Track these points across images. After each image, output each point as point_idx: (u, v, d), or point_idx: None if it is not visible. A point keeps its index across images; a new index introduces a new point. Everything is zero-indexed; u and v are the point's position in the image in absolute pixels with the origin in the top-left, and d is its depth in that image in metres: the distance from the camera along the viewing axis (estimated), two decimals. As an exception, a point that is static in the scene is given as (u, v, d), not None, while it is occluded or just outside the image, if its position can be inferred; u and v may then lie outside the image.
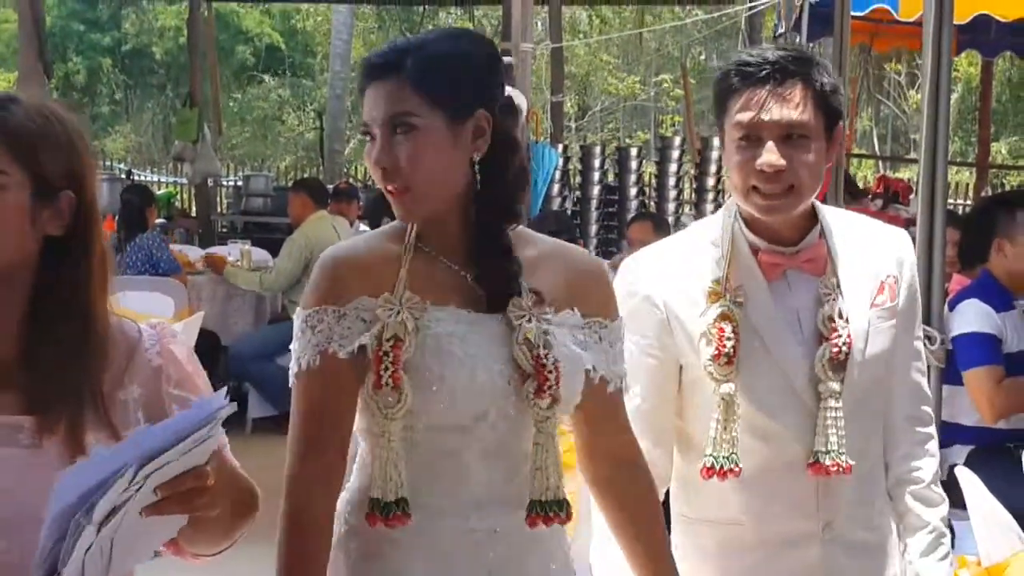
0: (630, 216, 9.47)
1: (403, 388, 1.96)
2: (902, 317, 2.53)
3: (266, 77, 27.15)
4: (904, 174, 17.92)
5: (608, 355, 2.14)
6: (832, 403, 2.40)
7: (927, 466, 2.57)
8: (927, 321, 4.27)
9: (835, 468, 2.39)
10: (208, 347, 7.97)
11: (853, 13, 8.01)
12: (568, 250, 2.20)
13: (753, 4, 15.52)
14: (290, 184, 12.46)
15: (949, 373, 4.51)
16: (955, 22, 4.99)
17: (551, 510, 2.03)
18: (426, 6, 22.61)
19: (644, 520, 2.25)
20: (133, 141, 28.36)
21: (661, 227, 7.47)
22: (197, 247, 10.88)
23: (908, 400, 2.57)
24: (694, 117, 15.30)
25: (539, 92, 21.31)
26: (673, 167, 11.38)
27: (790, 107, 2.34)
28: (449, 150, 2.02)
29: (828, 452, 2.39)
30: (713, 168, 11.25)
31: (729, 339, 2.38)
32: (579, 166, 11.51)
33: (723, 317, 2.40)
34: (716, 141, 10.96)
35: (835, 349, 2.41)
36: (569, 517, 2.05)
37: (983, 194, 14.46)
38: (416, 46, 2.02)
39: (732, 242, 2.46)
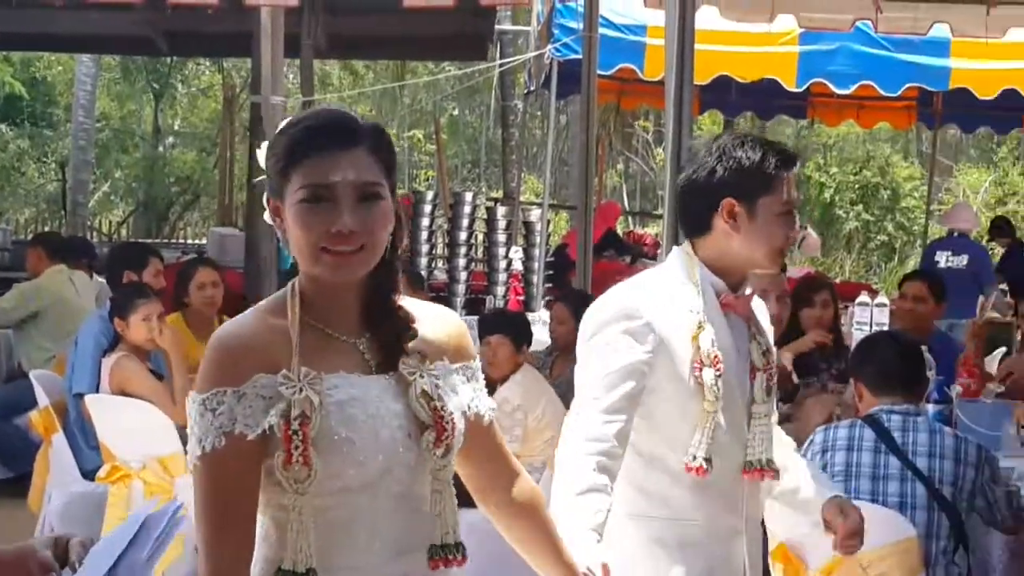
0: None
1: (313, 463, 2.04)
2: None
3: (2, 127, 26.18)
4: (652, 229, 18.41)
5: (477, 392, 2.32)
6: (764, 420, 2.98)
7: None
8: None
9: (766, 475, 2.98)
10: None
11: (600, 72, 8.22)
12: (427, 307, 2.34)
13: (504, 61, 15.77)
14: (30, 237, 11.98)
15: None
16: (696, 82, 5.15)
17: (451, 553, 2.19)
18: (174, 57, 22.20)
19: (543, 527, 2.46)
20: None
21: (415, 281, 7.44)
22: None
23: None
24: (447, 172, 15.41)
25: (291, 145, 21.11)
26: (425, 221, 11.39)
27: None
28: (391, 219, 2.18)
29: (760, 460, 2.96)
30: (465, 223, 11.31)
31: (722, 363, 2.88)
32: (331, 220, 11.41)
33: (713, 342, 2.89)
34: (468, 196, 11.04)
35: (768, 377, 2.99)
36: (465, 559, 2.20)
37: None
38: (359, 119, 2.18)
39: (701, 281, 2.97)
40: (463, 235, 11.33)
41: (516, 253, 10.66)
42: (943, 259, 10.56)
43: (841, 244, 24.74)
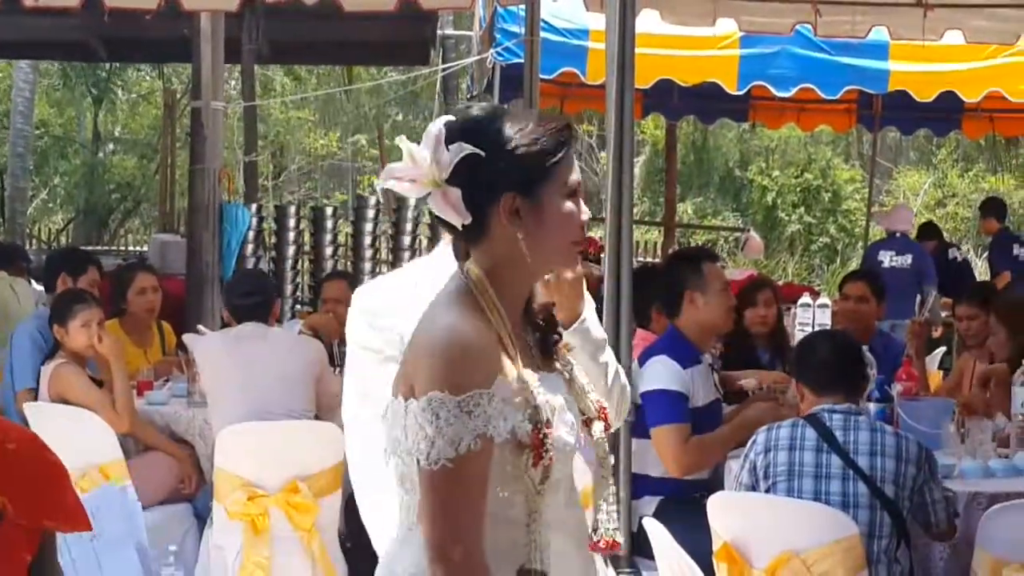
0: (324, 275, 9.39)
1: (554, 464, 2.13)
2: None
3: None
4: (597, 232, 18.45)
5: None
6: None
7: None
8: (615, 376, 4.36)
9: None
10: None
11: (542, 76, 8.20)
12: None
13: (447, 66, 15.76)
14: (-33, 246, 11.81)
15: (637, 427, 4.61)
16: (638, 86, 5.16)
17: (612, 536, 2.31)
18: (114, 63, 21.99)
19: None
20: None
21: (351, 287, 7.41)
22: None
23: None
24: (390, 177, 15.28)
25: (232, 151, 21.01)
26: (369, 226, 11.36)
27: None
28: None
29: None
30: (409, 227, 11.29)
31: None
32: (274, 226, 11.37)
33: None
34: (412, 201, 11.01)
35: None
36: (619, 543, 2.31)
37: (670, 252, 15.04)
38: None
39: None
40: (407, 240, 11.31)
41: (459, 257, 10.61)
42: (887, 259, 10.65)
43: (784, 246, 24.90)
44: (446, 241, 2.50)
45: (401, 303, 2.55)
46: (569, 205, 2.22)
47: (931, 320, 10.99)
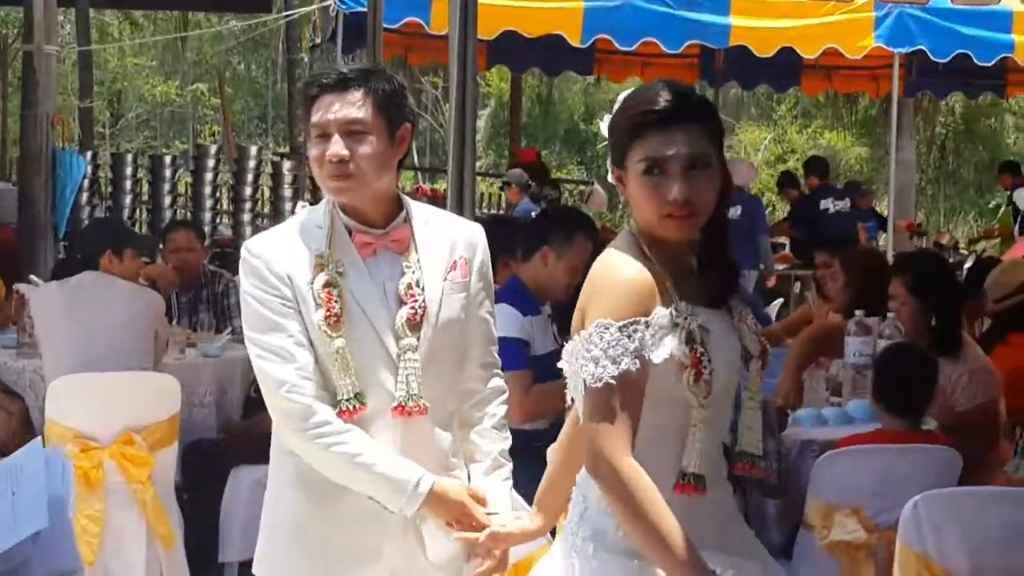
0: (163, 225, 9.20)
1: (712, 380, 2.45)
2: (475, 288, 3.05)
3: None
4: (442, 185, 18.43)
5: None
6: (410, 355, 2.88)
7: (498, 411, 3.14)
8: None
9: (415, 409, 2.86)
10: None
11: (386, 26, 8.11)
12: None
13: (288, 14, 15.52)
14: None
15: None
16: (482, 37, 5.14)
17: (754, 461, 2.62)
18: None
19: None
20: None
21: (198, 236, 7.27)
22: None
23: (483, 347, 3.11)
24: (232, 126, 15.10)
25: (67, 97, 20.41)
26: (209, 176, 11.16)
27: (351, 107, 2.84)
28: (718, 184, 2.52)
29: (409, 396, 2.87)
30: (250, 177, 11.11)
31: (336, 302, 2.84)
32: (111, 174, 11.10)
33: (328, 284, 2.85)
34: (253, 150, 10.84)
35: (411, 311, 2.89)
36: (770, 471, 2.73)
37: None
38: (698, 99, 2.57)
39: (332, 224, 2.91)
40: (248, 190, 11.16)
41: (302, 207, 10.50)
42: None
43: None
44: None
45: (288, 251, 2.88)
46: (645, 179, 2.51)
47: (765, 270, 11.25)
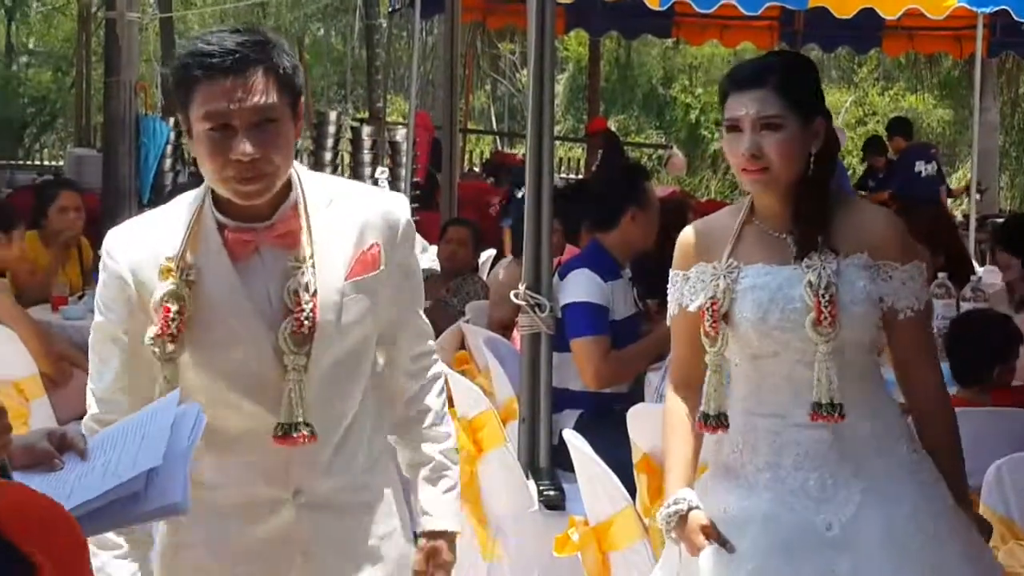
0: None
1: (718, 334, 2.75)
2: (394, 278, 2.56)
3: None
4: (519, 150, 18.41)
5: (897, 289, 2.72)
6: (294, 376, 2.41)
7: (434, 405, 2.70)
8: (536, 290, 4.36)
9: (301, 439, 2.41)
10: None
11: (465, -10, 8.12)
12: (869, 209, 2.88)
13: (368, -21, 15.55)
14: None
15: (559, 340, 4.61)
16: (560, 1, 5.12)
17: (829, 411, 2.67)
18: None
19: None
20: None
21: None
22: None
23: (414, 340, 2.68)
24: (312, 93, 15.17)
25: (149, 64, 20.64)
26: (291, 142, 11.28)
27: (257, 96, 2.33)
28: (799, 144, 2.71)
29: (292, 426, 2.41)
30: (330, 143, 11.20)
31: (173, 320, 2.38)
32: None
33: (171, 296, 2.39)
34: (332, 115, 10.92)
35: (296, 323, 2.40)
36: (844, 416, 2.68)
37: (593, 169, 15.04)
38: (775, 64, 2.79)
39: (198, 221, 2.44)
40: (328, 155, 11.25)
41: (382, 173, 10.60)
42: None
43: (706, 164, 25.03)
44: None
45: (130, 244, 2.48)
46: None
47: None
